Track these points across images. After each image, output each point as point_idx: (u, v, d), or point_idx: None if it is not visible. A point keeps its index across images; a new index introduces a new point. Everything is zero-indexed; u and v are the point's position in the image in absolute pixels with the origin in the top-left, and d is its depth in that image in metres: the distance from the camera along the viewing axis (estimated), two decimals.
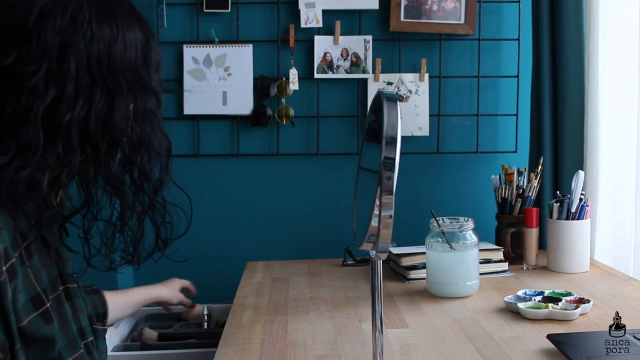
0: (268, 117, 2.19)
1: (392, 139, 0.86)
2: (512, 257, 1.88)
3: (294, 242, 2.26)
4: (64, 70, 0.79)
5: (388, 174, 0.86)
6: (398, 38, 2.21)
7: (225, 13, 2.19)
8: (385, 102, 0.88)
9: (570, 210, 1.79)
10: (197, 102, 2.19)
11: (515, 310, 1.44)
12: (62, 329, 0.85)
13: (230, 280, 1.90)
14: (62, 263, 0.92)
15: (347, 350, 1.27)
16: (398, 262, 1.81)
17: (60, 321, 0.85)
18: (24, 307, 0.79)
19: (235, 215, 2.26)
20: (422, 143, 2.25)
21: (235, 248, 2.25)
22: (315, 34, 2.19)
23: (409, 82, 2.21)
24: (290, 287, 1.75)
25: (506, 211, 1.93)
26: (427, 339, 1.32)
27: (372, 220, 0.88)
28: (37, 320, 0.80)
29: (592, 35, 1.92)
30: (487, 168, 2.22)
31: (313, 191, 2.27)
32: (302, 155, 2.25)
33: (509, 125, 2.24)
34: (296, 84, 2.18)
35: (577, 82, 2.00)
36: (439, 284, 1.60)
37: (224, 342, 1.33)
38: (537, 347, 1.24)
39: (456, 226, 1.61)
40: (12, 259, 0.77)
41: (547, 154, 2.09)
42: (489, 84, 2.24)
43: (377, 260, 0.95)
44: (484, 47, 2.22)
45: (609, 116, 1.93)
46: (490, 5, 2.22)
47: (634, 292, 1.59)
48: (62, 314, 0.87)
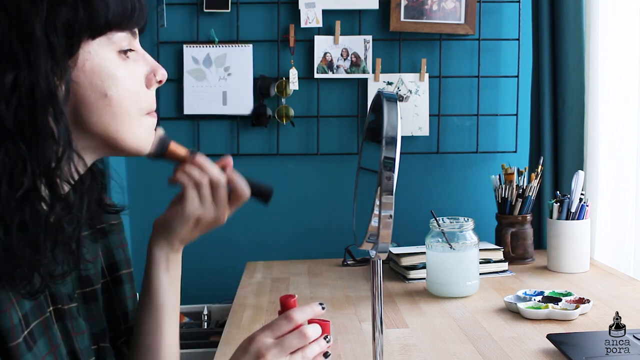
0: (268, 117, 2.19)
1: (392, 139, 0.86)
2: (512, 257, 1.88)
3: (294, 242, 2.26)
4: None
5: (388, 174, 0.86)
6: (398, 38, 2.21)
7: (225, 13, 2.19)
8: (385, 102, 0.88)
9: (570, 210, 1.79)
10: (197, 102, 2.19)
11: (515, 310, 1.44)
12: (50, 353, 0.79)
13: (230, 280, 1.90)
14: (55, 282, 0.82)
15: (347, 350, 1.27)
16: (398, 262, 1.81)
17: (50, 345, 0.79)
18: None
19: (235, 215, 2.24)
20: (422, 143, 2.25)
21: (235, 248, 2.25)
22: (315, 34, 2.19)
23: (409, 82, 2.21)
24: (290, 287, 1.75)
25: (506, 211, 1.93)
26: (427, 339, 1.32)
27: (372, 220, 0.88)
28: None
29: (592, 35, 1.92)
30: (487, 168, 2.22)
31: (313, 191, 2.27)
32: (302, 155, 2.25)
33: (509, 125, 2.24)
34: (296, 84, 2.18)
35: (577, 82, 2.00)
36: (439, 284, 1.60)
37: (224, 342, 1.33)
38: (537, 347, 1.24)
39: (456, 226, 1.61)
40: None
41: (547, 154, 2.09)
42: (489, 84, 2.24)
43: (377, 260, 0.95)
44: (484, 47, 2.22)
45: (609, 116, 1.93)
46: (490, 5, 2.22)
47: (634, 292, 1.59)
48: (51, 337, 0.80)
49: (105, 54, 0.76)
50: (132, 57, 0.80)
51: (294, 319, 0.83)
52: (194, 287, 1.78)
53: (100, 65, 0.75)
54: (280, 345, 0.81)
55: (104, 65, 0.76)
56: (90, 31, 0.74)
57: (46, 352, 0.79)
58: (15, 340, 0.73)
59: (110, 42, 0.76)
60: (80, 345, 0.86)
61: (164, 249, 0.94)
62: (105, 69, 0.76)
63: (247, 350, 0.81)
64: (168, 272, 0.95)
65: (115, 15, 0.75)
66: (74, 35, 0.73)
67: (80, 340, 0.87)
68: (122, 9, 0.76)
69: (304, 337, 0.82)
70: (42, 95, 0.71)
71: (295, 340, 0.82)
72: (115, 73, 0.77)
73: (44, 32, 0.71)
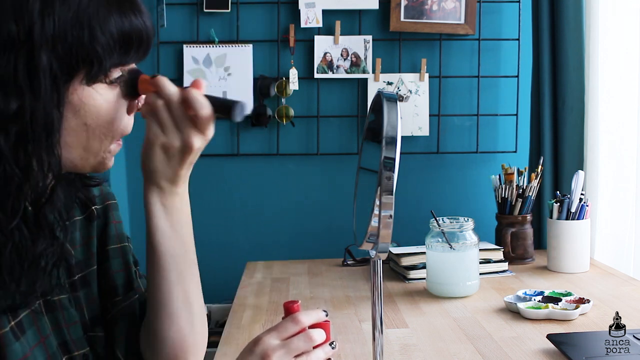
0: (268, 117, 2.19)
1: (392, 139, 0.86)
2: (512, 257, 1.88)
3: (294, 242, 2.26)
4: None
5: (388, 174, 0.86)
6: (398, 38, 2.21)
7: (225, 13, 2.19)
8: (385, 102, 0.88)
9: (570, 210, 1.79)
10: None
11: (515, 310, 1.44)
12: (40, 344, 0.80)
13: (230, 280, 1.90)
14: None
15: (347, 350, 1.27)
16: (398, 262, 1.81)
17: (39, 336, 0.80)
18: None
19: (235, 215, 2.26)
20: (422, 143, 2.25)
21: (235, 248, 2.25)
22: (315, 34, 2.19)
23: (409, 82, 2.21)
24: (291, 287, 1.75)
25: (506, 211, 1.93)
26: (427, 339, 1.32)
27: (372, 220, 0.88)
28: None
29: (592, 35, 1.92)
30: (487, 168, 2.22)
31: (313, 191, 2.27)
32: (302, 155, 2.25)
33: (509, 125, 2.24)
34: (296, 84, 2.18)
35: (577, 82, 2.00)
36: (439, 284, 1.60)
37: (224, 342, 1.33)
38: (537, 347, 1.24)
39: (456, 226, 1.61)
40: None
41: (547, 154, 2.09)
42: (489, 84, 2.24)
43: (377, 260, 0.95)
44: (484, 47, 2.22)
45: (609, 116, 1.93)
46: (490, 5, 2.22)
47: (634, 292, 1.59)
48: (40, 328, 0.81)
49: (95, 86, 0.78)
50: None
51: (300, 321, 0.83)
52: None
53: (88, 97, 0.77)
54: (286, 347, 0.81)
55: (92, 98, 0.77)
56: (96, 71, 0.76)
57: (35, 343, 0.80)
58: (2, 328, 0.75)
59: (102, 75, 0.78)
60: (73, 336, 0.87)
61: (154, 193, 0.87)
62: (92, 101, 0.78)
63: (253, 352, 0.82)
64: (167, 217, 0.88)
65: (117, 59, 0.77)
66: (72, 69, 0.75)
67: (72, 330, 0.87)
68: (124, 53, 0.78)
69: (310, 341, 0.82)
70: (42, 123, 0.73)
71: (301, 343, 0.82)
72: (101, 105, 0.78)
73: (49, 61, 0.72)
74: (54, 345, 0.83)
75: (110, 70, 0.78)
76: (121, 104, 0.81)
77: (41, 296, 0.80)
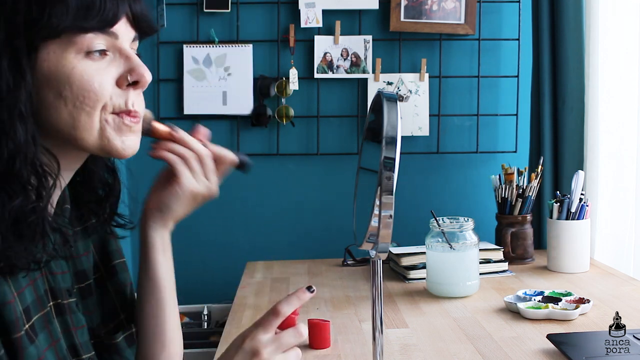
0: (268, 117, 2.19)
1: (392, 139, 0.86)
2: (512, 257, 1.88)
3: (294, 242, 2.26)
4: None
5: (388, 174, 0.86)
6: (398, 38, 2.21)
7: (225, 13, 2.19)
8: (385, 102, 0.88)
9: (570, 210, 1.79)
10: (197, 102, 2.19)
11: (515, 310, 1.44)
12: (51, 348, 0.80)
13: (230, 280, 1.90)
14: (54, 277, 0.84)
15: (347, 350, 1.27)
16: (398, 262, 1.81)
17: (50, 339, 0.80)
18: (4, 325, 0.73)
19: (235, 215, 2.26)
20: (422, 143, 2.25)
21: (235, 248, 2.25)
22: (315, 34, 2.19)
23: (409, 82, 2.21)
24: (290, 287, 1.75)
25: (506, 211, 1.93)
26: (427, 339, 1.32)
27: (372, 220, 0.88)
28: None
29: (592, 35, 1.92)
30: (487, 168, 2.22)
31: (313, 191, 2.27)
32: (302, 155, 2.25)
33: (509, 125, 2.24)
34: (296, 84, 2.18)
35: (577, 82, 2.00)
36: (439, 284, 1.60)
37: (224, 342, 1.33)
38: (537, 347, 1.24)
39: (456, 226, 1.61)
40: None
41: (547, 154, 2.09)
42: (489, 83, 2.24)
43: (377, 260, 0.95)
44: (483, 47, 2.22)
45: (609, 116, 1.93)
46: (490, 5, 2.22)
47: (634, 292, 1.59)
48: (52, 331, 0.81)
49: (63, 55, 0.76)
50: (108, 58, 0.79)
51: (280, 312, 0.84)
52: (194, 287, 1.79)
53: (57, 66, 0.76)
54: (276, 343, 0.82)
55: (61, 65, 0.76)
56: (47, 33, 0.74)
57: (46, 347, 0.79)
58: (19, 332, 0.74)
59: (70, 44, 0.76)
60: (80, 339, 0.87)
61: (159, 230, 0.94)
62: (61, 69, 0.76)
63: (242, 348, 0.82)
64: (164, 252, 0.95)
65: (76, 18, 0.75)
66: (33, 36, 0.74)
67: (80, 334, 0.87)
68: (85, 12, 0.75)
69: (300, 336, 0.84)
70: (3, 95, 0.72)
71: (291, 338, 0.83)
72: (71, 74, 0.76)
73: (5, 32, 0.72)
74: (64, 349, 0.82)
75: (72, 34, 0.75)
76: (105, 74, 0.78)
77: (40, 262, 0.78)
